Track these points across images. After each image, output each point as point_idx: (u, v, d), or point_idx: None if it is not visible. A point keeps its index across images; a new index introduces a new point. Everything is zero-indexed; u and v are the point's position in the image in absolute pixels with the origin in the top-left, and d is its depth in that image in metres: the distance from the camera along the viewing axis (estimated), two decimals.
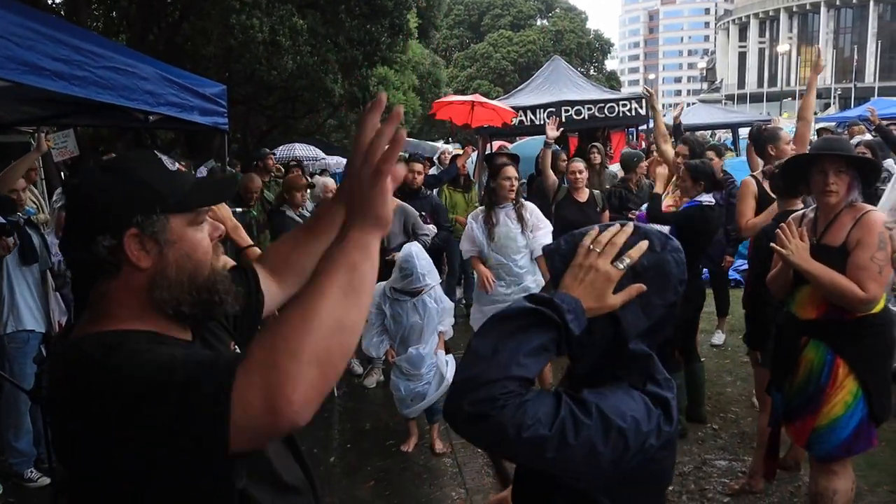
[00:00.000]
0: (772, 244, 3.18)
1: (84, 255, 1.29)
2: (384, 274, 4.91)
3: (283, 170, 10.74)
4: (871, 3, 68.26)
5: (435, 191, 7.78)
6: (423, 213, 6.19)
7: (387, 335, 4.74)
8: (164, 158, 1.31)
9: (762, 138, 5.02)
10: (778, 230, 3.17)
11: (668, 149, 5.89)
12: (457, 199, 7.81)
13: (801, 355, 3.20)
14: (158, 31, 14.31)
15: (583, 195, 6.40)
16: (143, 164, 1.36)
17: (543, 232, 5.19)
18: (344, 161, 17.85)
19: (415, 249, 4.65)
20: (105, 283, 1.31)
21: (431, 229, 6.11)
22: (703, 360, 5.99)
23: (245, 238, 2.70)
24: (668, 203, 5.38)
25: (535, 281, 5.17)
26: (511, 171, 5.23)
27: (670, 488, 4.26)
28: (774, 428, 3.45)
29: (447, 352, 4.88)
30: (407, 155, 7.45)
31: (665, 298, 1.39)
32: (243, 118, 18.72)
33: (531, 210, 5.30)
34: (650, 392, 1.37)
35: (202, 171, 10.24)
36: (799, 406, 3.21)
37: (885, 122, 9.43)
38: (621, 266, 1.36)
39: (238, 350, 1.55)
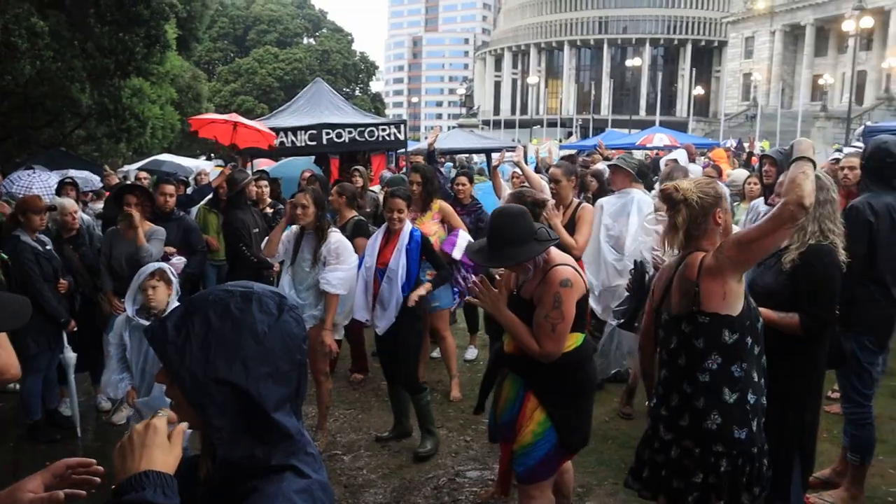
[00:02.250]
0: (468, 297, 3.47)
1: None
2: None
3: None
4: (605, 46, 76.66)
5: (193, 212, 7.47)
6: (178, 236, 5.93)
7: (128, 372, 4.27)
8: None
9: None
10: (472, 283, 3.38)
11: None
12: (210, 219, 7.49)
13: (502, 385, 3.50)
14: None
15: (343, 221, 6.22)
16: None
17: (331, 268, 4.89)
18: (95, 178, 16.48)
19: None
20: None
21: (179, 262, 5.72)
22: (457, 375, 6.36)
23: None
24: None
25: (311, 316, 4.95)
26: (301, 198, 4.93)
27: (423, 502, 4.48)
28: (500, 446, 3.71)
29: None
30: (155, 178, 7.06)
31: (293, 361, 1.35)
32: None
33: (333, 245, 4.94)
34: (296, 467, 1.32)
35: None
36: (503, 432, 3.49)
37: (611, 153, 10.88)
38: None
39: None
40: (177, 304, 4.24)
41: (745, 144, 25.59)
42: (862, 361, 4.06)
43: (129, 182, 7.96)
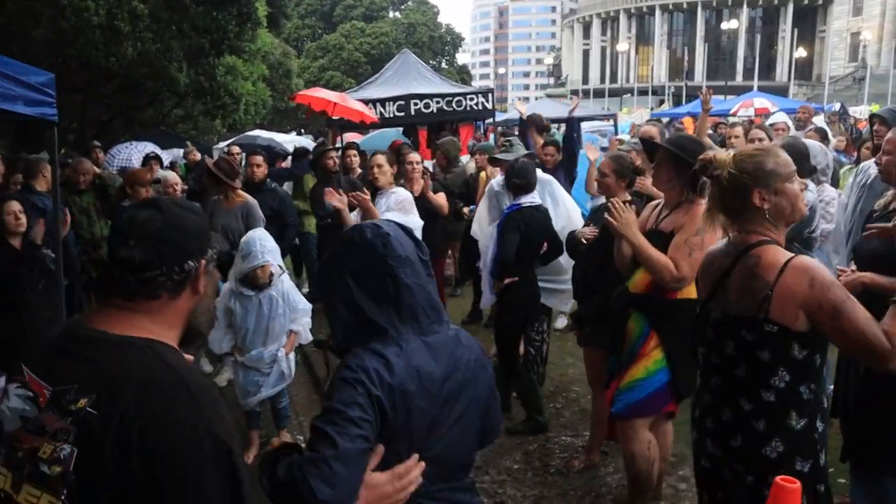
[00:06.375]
0: (605, 215, 3.41)
1: (169, 274, 1.50)
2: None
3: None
4: (699, 9, 73.56)
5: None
6: (270, 207, 6.11)
7: (232, 332, 4.59)
8: None
9: None
10: (610, 203, 3.42)
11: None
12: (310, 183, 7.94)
13: (627, 324, 3.52)
14: None
15: (416, 187, 6.25)
16: (199, 215, 1.67)
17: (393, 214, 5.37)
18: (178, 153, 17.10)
19: (259, 233, 4.64)
20: (158, 299, 1.51)
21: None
22: (547, 342, 6.34)
23: None
24: None
25: None
26: (377, 159, 5.66)
27: (515, 466, 4.50)
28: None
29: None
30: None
31: (378, 271, 1.83)
32: (80, 107, 17.45)
33: (401, 197, 5.46)
34: (381, 351, 1.78)
35: None
36: (622, 369, 3.55)
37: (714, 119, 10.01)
38: None
39: None
40: (283, 273, 4.71)
41: (850, 110, 24.12)
42: None
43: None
